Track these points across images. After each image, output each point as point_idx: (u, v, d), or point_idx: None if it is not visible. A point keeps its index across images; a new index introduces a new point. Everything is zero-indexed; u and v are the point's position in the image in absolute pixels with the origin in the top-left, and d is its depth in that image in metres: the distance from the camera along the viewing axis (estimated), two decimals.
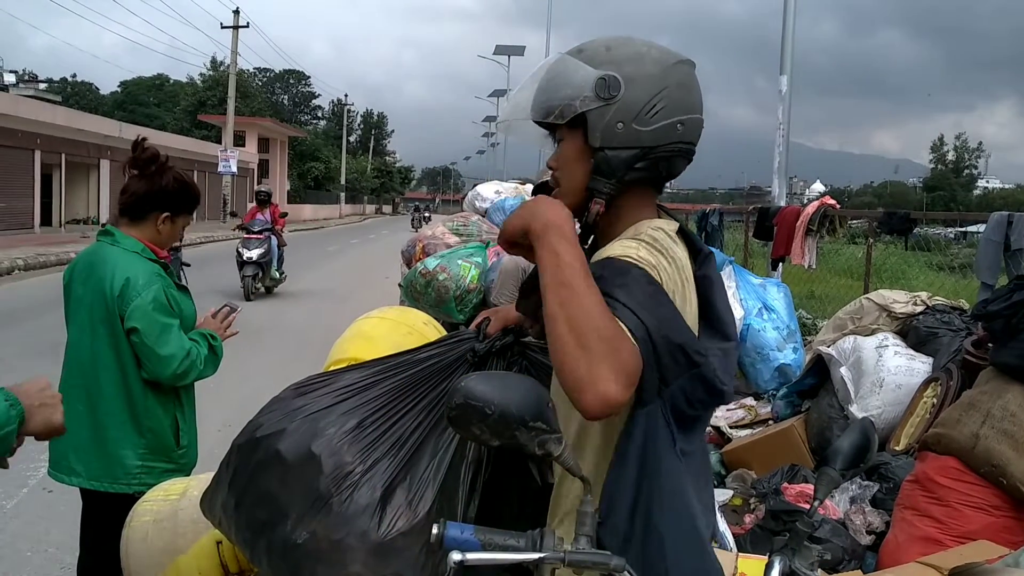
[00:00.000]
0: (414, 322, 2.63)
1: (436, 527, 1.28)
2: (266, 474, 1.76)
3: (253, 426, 1.87)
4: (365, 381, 1.85)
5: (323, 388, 1.87)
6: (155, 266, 2.89)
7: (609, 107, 1.54)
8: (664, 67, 1.56)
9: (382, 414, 1.77)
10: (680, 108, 1.55)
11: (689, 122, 1.57)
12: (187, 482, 2.43)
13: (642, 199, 1.63)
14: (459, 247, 4.87)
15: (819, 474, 1.52)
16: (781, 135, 10.10)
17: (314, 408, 1.81)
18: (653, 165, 1.57)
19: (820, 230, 8.11)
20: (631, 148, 1.55)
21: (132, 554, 2.29)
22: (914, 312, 4.79)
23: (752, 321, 3.97)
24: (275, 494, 1.73)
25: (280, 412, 1.84)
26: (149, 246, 2.92)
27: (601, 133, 1.54)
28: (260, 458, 1.78)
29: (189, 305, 3.01)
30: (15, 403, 1.54)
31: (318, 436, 1.74)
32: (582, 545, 1.28)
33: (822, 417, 4.48)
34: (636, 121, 1.54)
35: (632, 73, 1.54)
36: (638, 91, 1.53)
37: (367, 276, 18.25)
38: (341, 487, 1.67)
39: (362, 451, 1.71)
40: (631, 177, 1.57)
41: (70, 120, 27.39)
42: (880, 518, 3.55)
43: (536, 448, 1.25)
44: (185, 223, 3.06)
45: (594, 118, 1.54)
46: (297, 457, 1.73)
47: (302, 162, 60.17)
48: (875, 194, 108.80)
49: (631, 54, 1.57)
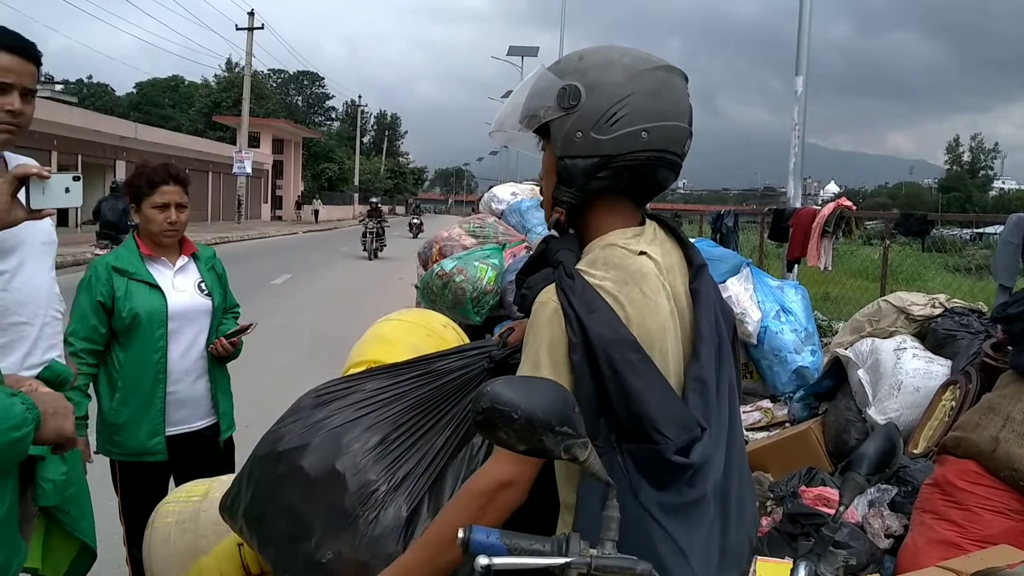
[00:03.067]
0: (433, 324, 2.64)
1: (462, 532, 1.28)
2: (289, 489, 1.75)
3: (274, 437, 1.86)
4: (387, 393, 1.84)
5: (344, 398, 1.86)
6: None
7: (569, 116, 1.52)
8: (631, 74, 1.51)
9: (406, 430, 1.76)
10: (645, 116, 1.50)
11: (657, 130, 1.51)
12: (209, 484, 2.45)
13: (611, 210, 1.59)
14: (476, 248, 4.88)
15: (844, 479, 1.51)
16: (796, 136, 10.05)
17: (336, 422, 1.79)
18: (617, 174, 1.53)
19: (836, 231, 8.07)
20: (590, 157, 1.52)
21: (154, 555, 2.30)
22: (932, 314, 4.76)
23: (770, 323, 3.96)
24: (299, 509, 1.72)
25: (302, 424, 1.83)
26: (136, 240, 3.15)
27: (562, 142, 1.53)
28: (283, 472, 1.77)
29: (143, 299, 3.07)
30: (32, 407, 1.52)
31: (342, 453, 1.72)
32: (608, 550, 1.27)
33: (839, 420, 4.45)
34: (595, 130, 1.51)
35: (595, 81, 1.51)
36: (599, 99, 1.50)
37: (381, 277, 18.27)
38: (366, 506, 1.66)
39: (386, 469, 1.70)
40: (594, 186, 1.54)
41: (86, 121, 27.56)
42: (899, 522, 3.52)
43: (562, 453, 1.24)
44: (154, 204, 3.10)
45: (555, 128, 1.53)
46: (321, 474, 1.72)
47: (316, 163, 60.39)
48: (890, 195, 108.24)
49: (600, 62, 1.54)
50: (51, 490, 2.08)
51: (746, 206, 37.28)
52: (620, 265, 1.49)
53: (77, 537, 2.17)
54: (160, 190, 3.05)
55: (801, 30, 10.08)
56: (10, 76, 2.13)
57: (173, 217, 3.07)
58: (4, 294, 2.20)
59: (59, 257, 2.62)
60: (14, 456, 1.50)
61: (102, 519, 2.43)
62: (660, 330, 1.46)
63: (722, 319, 1.58)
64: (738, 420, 1.60)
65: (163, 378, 3.06)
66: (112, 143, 28.84)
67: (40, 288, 2.32)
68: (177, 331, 3.09)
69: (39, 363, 2.28)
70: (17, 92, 2.15)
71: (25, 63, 2.17)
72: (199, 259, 3.25)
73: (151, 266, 3.09)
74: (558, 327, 1.43)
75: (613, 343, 1.40)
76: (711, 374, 1.47)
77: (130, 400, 3.02)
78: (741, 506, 1.54)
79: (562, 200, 1.57)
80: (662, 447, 1.37)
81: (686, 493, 1.42)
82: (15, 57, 2.15)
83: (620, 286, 1.46)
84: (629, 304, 1.44)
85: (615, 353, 1.39)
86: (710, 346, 1.49)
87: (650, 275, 1.49)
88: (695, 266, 1.58)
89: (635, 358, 1.40)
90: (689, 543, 1.42)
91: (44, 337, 2.32)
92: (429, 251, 5.29)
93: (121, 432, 3.04)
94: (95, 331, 2.98)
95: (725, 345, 1.56)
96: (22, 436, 1.47)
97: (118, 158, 29.34)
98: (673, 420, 1.39)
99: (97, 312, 2.98)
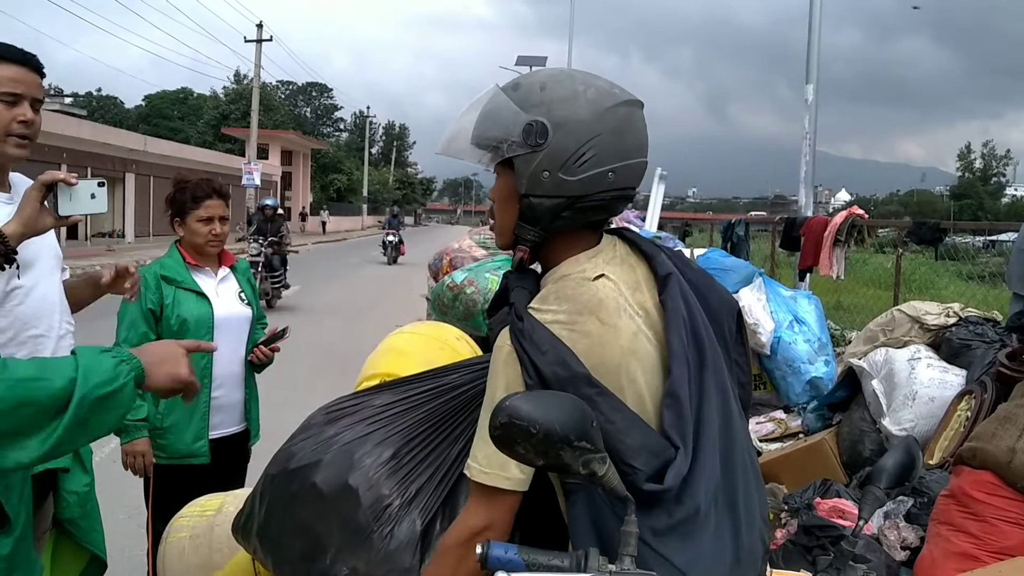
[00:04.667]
0: (446, 337, 2.63)
1: (480, 547, 1.28)
2: (303, 506, 1.75)
3: (286, 455, 1.86)
4: (397, 408, 1.83)
5: (354, 414, 1.86)
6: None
7: (536, 154, 1.48)
8: (598, 112, 1.48)
9: (417, 443, 1.75)
10: (612, 156, 1.48)
11: (622, 169, 1.49)
12: (223, 497, 2.45)
13: (568, 240, 1.57)
14: (486, 260, 4.87)
15: (864, 493, 1.50)
16: (807, 144, 10.03)
17: (348, 438, 1.79)
18: (581, 213, 1.51)
19: (848, 240, 8.05)
20: (556, 197, 1.49)
21: (169, 570, 2.30)
22: (946, 324, 4.73)
23: (783, 334, 3.94)
24: (313, 527, 1.71)
25: (313, 441, 1.83)
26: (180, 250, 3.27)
27: (527, 180, 1.49)
28: (296, 490, 1.77)
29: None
30: (128, 359, 1.47)
31: (354, 468, 1.72)
32: (626, 565, 1.26)
33: (854, 431, 4.43)
34: (563, 170, 1.47)
35: (561, 118, 1.47)
36: (566, 138, 1.46)
37: (391, 288, 18.30)
38: (380, 520, 1.65)
39: (399, 483, 1.70)
40: (557, 225, 1.52)
41: (96, 134, 27.72)
42: (915, 533, 3.50)
43: (580, 468, 1.24)
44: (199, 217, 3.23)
45: (520, 164, 1.49)
46: (334, 490, 1.71)
47: (325, 174, 60.62)
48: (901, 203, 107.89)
49: (564, 95, 1.49)
50: (75, 502, 2.10)
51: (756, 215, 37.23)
52: (572, 297, 1.47)
53: (86, 548, 2.17)
54: (205, 204, 3.21)
55: (811, 38, 10.07)
56: (20, 87, 2.19)
57: (217, 229, 3.24)
58: (22, 308, 2.24)
59: (70, 270, 2.65)
60: (112, 415, 1.43)
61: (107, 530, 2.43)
62: (623, 354, 1.44)
63: (702, 319, 1.54)
64: (735, 418, 1.55)
65: (208, 383, 3.20)
66: (121, 156, 28.99)
67: (54, 301, 2.36)
68: (221, 338, 3.21)
69: None
70: (27, 102, 2.21)
71: (31, 74, 2.23)
72: (237, 271, 3.40)
73: (196, 275, 3.24)
74: (513, 371, 1.43)
75: (567, 380, 1.38)
76: (684, 388, 1.44)
77: (176, 404, 3.12)
78: (750, 506, 1.52)
79: (526, 239, 1.55)
80: (632, 478, 1.36)
81: (675, 512, 1.40)
82: (22, 69, 2.20)
83: (574, 318, 1.44)
84: (583, 336, 1.42)
85: (571, 390, 1.37)
86: (681, 359, 1.45)
87: (605, 300, 1.47)
88: (661, 277, 1.55)
89: (591, 392, 1.38)
90: (690, 559, 1.40)
91: (61, 349, 2.36)
92: (440, 263, 5.29)
93: (166, 435, 3.16)
94: (145, 337, 3.07)
95: (708, 347, 1.51)
96: (115, 390, 1.41)
97: (127, 171, 29.50)
98: (640, 448, 1.38)
99: (147, 319, 3.11)
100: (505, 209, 1.58)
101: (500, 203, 1.59)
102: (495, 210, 1.62)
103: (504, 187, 1.57)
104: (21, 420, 1.27)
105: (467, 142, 1.59)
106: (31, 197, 2.03)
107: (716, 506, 1.44)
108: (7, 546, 1.45)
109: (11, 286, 2.21)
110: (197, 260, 3.26)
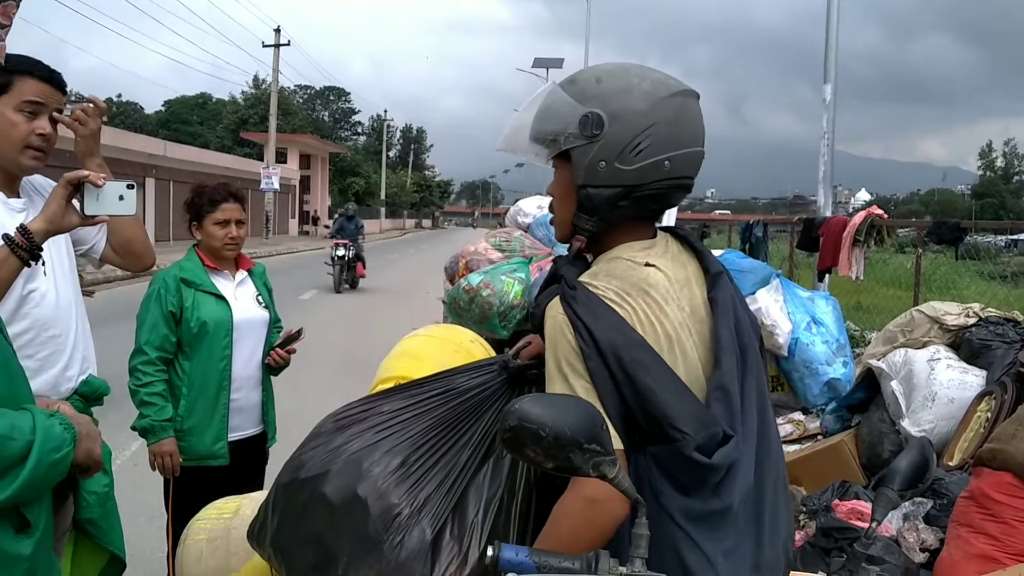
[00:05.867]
0: (461, 340, 2.63)
1: (491, 549, 1.28)
2: (314, 517, 1.75)
3: (295, 465, 1.86)
4: (406, 414, 1.83)
5: (363, 421, 1.86)
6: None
7: (592, 145, 1.51)
8: (653, 102, 1.51)
9: (425, 451, 1.75)
10: (667, 145, 1.50)
11: (678, 158, 1.51)
12: (239, 500, 2.46)
13: (625, 230, 1.59)
14: (502, 263, 4.87)
15: (877, 495, 1.49)
16: (826, 144, 9.95)
17: (356, 447, 1.79)
18: (638, 203, 1.54)
19: (868, 240, 8.00)
20: (613, 187, 1.52)
21: (187, 573, 2.31)
22: (966, 324, 4.70)
23: (800, 335, 3.91)
24: (324, 537, 1.72)
25: (323, 450, 1.83)
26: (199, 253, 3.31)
27: (584, 171, 1.52)
28: (306, 500, 1.77)
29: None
30: (69, 427, 1.54)
31: (363, 478, 1.72)
32: (637, 567, 1.27)
33: (873, 432, 4.41)
34: (619, 160, 1.50)
35: (617, 109, 1.50)
36: (622, 129, 1.49)
37: (410, 291, 18.31)
38: (390, 530, 1.65)
39: (408, 491, 1.69)
40: (615, 215, 1.55)
41: (116, 140, 27.93)
42: (934, 535, 3.48)
43: (591, 470, 1.24)
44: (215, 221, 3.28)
45: (577, 156, 1.52)
46: (343, 500, 1.72)
47: (343, 178, 60.85)
48: (922, 202, 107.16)
49: (620, 87, 1.52)
50: (95, 502, 2.12)
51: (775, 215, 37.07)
52: (623, 276, 1.49)
53: (105, 549, 2.20)
54: (221, 207, 3.26)
55: (829, 37, 10.00)
56: (42, 101, 2.25)
57: (234, 232, 3.28)
58: (40, 310, 2.27)
59: (90, 275, 2.68)
60: (54, 477, 1.50)
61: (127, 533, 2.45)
62: (669, 339, 1.45)
63: (747, 325, 1.57)
64: (772, 429, 1.57)
65: (227, 385, 3.24)
66: (142, 160, 29.21)
67: (70, 302, 2.40)
68: (239, 341, 3.27)
69: (77, 374, 2.38)
70: (47, 116, 2.27)
71: (55, 91, 2.30)
72: (254, 274, 3.45)
73: (215, 278, 3.28)
74: (570, 337, 1.44)
75: (622, 345, 1.40)
76: (733, 381, 1.45)
77: (196, 406, 3.18)
78: (775, 518, 1.52)
79: (584, 229, 1.58)
80: (681, 444, 1.37)
81: (710, 502, 1.41)
82: (47, 85, 2.27)
83: (623, 295, 1.46)
84: (632, 312, 1.44)
85: (625, 355, 1.39)
86: (730, 353, 1.47)
87: (657, 284, 1.49)
88: (711, 274, 1.57)
89: (646, 357, 1.40)
90: (717, 551, 1.40)
91: (78, 349, 2.40)
92: (456, 265, 5.29)
93: (186, 437, 3.18)
94: (166, 340, 3.14)
95: (751, 352, 1.53)
96: (62, 457, 1.48)
97: (148, 175, 29.72)
98: (690, 416, 1.39)
99: (168, 322, 3.15)
100: (564, 202, 1.61)
101: (559, 197, 1.63)
102: (554, 205, 1.66)
103: (562, 181, 1.61)
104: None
105: (526, 138, 1.63)
106: (57, 194, 2.05)
107: (744, 511, 1.45)
108: (28, 547, 1.46)
109: (27, 289, 2.24)
110: (215, 263, 3.30)
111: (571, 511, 1.40)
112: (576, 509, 1.40)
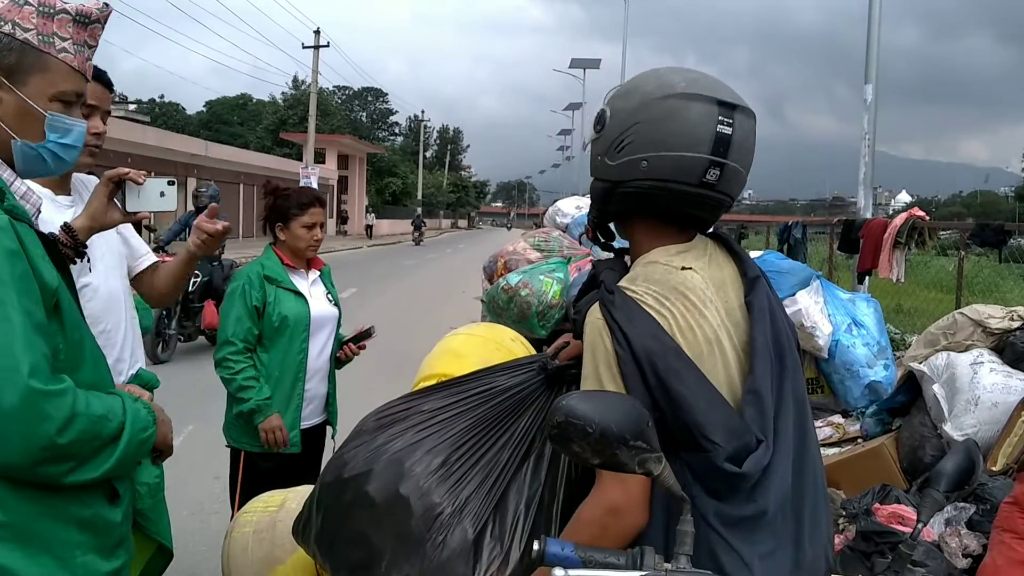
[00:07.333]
0: (502, 339, 2.65)
1: (537, 543, 1.29)
2: (357, 515, 1.78)
3: (339, 463, 1.90)
4: (446, 413, 1.86)
5: (405, 420, 1.89)
6: None
7: (598, 140, 1.57)
8: (645, 102, 1.50)
9: (466, 450, 1.78)
10: (648, 145, 1.48)
11: (657, 160, 1.48)
12: (285, 494, 2.50)
13: (649, 232, 1.60)
14: (540, 263, 4.88)
15: (923, 496, 1.49)
16: (867, 145, 9.84)
17: (398, 446, 1.82)
18: (623, 200, 1.55)
19: (908, 242, 7.90)
20: (604, 181, 1.57)
21: (233, 565, 2.36)
22: (1010, 327, 4.63)
23: (841, 337, 3.88)
24: (368, 535, 1.74)
25: (365, 449, 1.86)
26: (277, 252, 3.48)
27: (591, 163, 1.59)
28: (350, 499, 1.81)
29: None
30: (151, 410, 1.62)
31: (405, 477, 1.75)
32: (682, 564, 1.28)
33: (914, 436, 4.35)
34: (607, 155, 1.55)
35: (616, 107, 1.55)
36: (613, 125, 1.54)
37: (447, 290, 18.37)
38: (432, 529, 1.67)
39: (449, 490, 1.72)
40: (609, 209, 1.60)
41: (159, 140, 28.42)
42: (977, 541, 3.43)
43: (636, 467, 1.25)
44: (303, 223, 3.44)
45: (590, 149, 1.61)
46: (386, 499, 1.74)
47: (380, 178, 61.21)
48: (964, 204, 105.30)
49: (632, 86, 1.56)
50: (146, 493, 2.19)
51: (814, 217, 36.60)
52: (661, 280, 1.50)
53: (153, 539, 2.25)
54: (310, 211, 3.44)
55: (870, 37, 9.90)
56: (94, 101, 2.30)
57: (319, 235, 3.49)
58: (92, 304, 2.32)
59: None
60: (141, 455, 1.60)
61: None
62: (708, 342, 1.46)
63: (784, 329, 1.57)
64: (810, 431, 1.57)
65: (302, 377, 3.42)
66: (183, 160, 29.63)
67: (120, 297, 2.46)
68: (314, 335, 3.46)
69: (127, 368, 2.44)
70: (99, 115, 2.34)
71: (104, 90, 2.37)
72: (323, 273, 3.63)
73: (293, 276, 3.45)
74: (608, 342, 1.45)
75: (656, 352, 1.41)
76: (767, 386, 1.45)
77: (274, 396, 3.33)
78: (816, 520, 1.51)
79: (590, 218, 1.65)
80: (712, 454, 1.37)
81: (745, 507, 1.41)
82: (97, 85, 2.32)
83: (661, 300, 1.47)
84: (670, 317, 1.45)
85: (659, 362, 1.40)
86: (765, 358, 1.47)
87: (694, 288, 1.49)
88: (749, 278, 1.57)
89: (679, 365, 1.41)
90: (754, 556, 1.40)
91: (128, 342, 2.46)
92: (494, 265, 5.30)
93: None
94: (250, 332, 3.33)
95: (789, 355, 1.53)
96: (148, 437, 1.58)
97: (189, 175, 30.11)
98: (722, 426, 1.39)
99: (252, 316, 3.33)
100: None
101: None
102: None
103: None
104: (89, 450, 1.44)
105: None
106: (99, 192, 2.11)
107: (783, 514, 1.45)
108: (119, 515, 1.56)
109: (80, 284, 2.29)
110: (293, 262, 3.46)
111: (591, 519, 1.43)
112: (595, 517, 1.42)
